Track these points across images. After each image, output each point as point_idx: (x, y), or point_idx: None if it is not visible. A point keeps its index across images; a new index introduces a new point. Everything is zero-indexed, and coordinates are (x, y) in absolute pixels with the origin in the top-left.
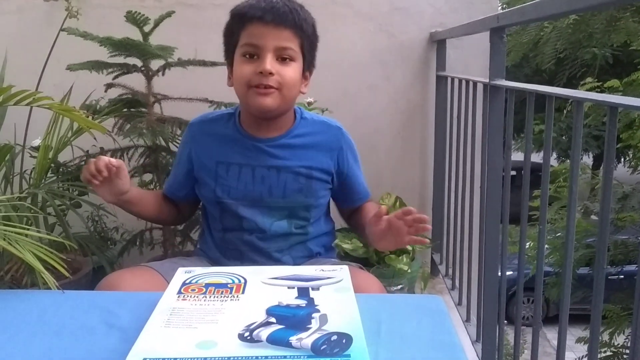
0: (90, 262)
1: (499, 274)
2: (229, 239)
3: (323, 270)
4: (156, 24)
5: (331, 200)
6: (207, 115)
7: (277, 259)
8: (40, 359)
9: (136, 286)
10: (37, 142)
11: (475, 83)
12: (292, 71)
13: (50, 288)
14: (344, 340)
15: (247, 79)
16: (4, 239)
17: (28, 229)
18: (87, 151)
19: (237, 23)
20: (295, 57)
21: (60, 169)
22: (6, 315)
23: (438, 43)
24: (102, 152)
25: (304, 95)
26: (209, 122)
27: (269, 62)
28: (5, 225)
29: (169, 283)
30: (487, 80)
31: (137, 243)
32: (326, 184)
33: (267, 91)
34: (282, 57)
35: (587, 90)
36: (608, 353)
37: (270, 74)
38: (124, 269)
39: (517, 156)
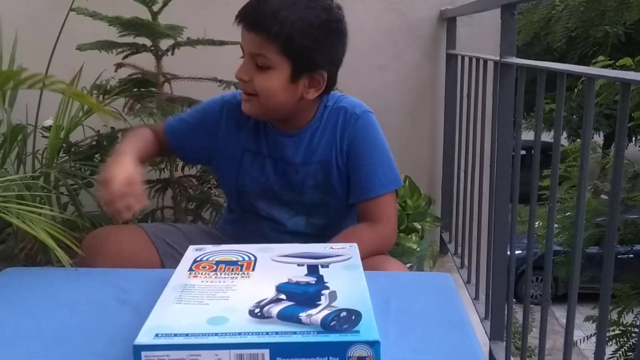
0: None
1: (508, 252)
2: (247, 218)
3: (332, 248)
4: (165, 3)
5: None
6: (239, 96)
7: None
8: (54, 335)
9: (119, 243)
10: (48, 122)
11: (485, 61)
12: (266, 80)
13: (63, 266)
14: (353, 317)
15: (237, 80)
16: (18, 218)
17: (41, 208)
18: (98, 131)
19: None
20: (272, 64)
21: (72, 149)
22: (21, 292)
23: (448, 21)
24: (113, 131)
25: (310, 98)
26: (239, 105)
27: (241, 69)
28: (19, 204)
29: (155, 244)
30: (498, 58)
31: (149, 221)
32: (344, 179)
33: (246, 97)
34: (258, 64)
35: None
36: (617, 332)
37: (243, 80)
38: (116, 226)
39: (528, 135)
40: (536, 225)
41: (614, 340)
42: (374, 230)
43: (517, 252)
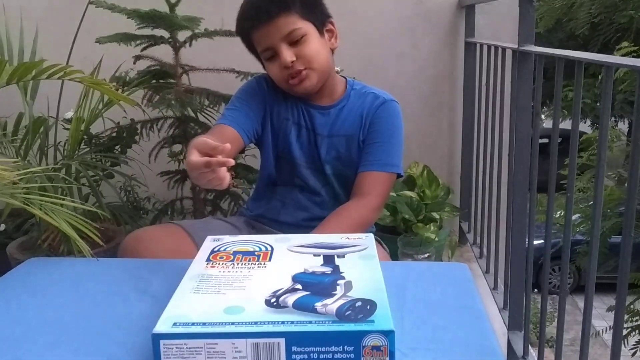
0: (123, 231)
1: (527, 241)
2: (278, 191)
3: (348, 238)
4: None
5: None
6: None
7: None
8: (75, 323)
9: (161, 242)
10: (69, 114)
11: (504, 49)
12: (309, 45)
13: (85, 256)
14: (368, 307)
15: (280, 78)
16: (41, 209)
17: (63, 199)
18: (118, 123)
19: (244, 38)
20: (304, 31)
21: (93, 141)
22: (44, 282)
23: (467, 8)
24: (133, 123)
25: (337, 48)
26: (274, 82)
27: (285, 54)
28: (41, 195)
29: (196, 242)
30: (516, 46)
31: (169, 212)
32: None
33: (300, 77)
34: (294, 40)
35: (623, 54)
36: (639, 322)
37: (293, 62)
38: (153, 226)
39: (551, 123)
40: (558, 215)
41: (637, 331)
42: (361, 203)
43: (537, 242)
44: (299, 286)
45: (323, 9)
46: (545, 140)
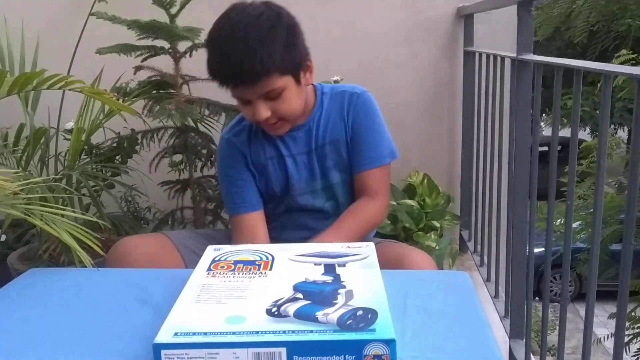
0: None
1: (527, 249)
2: (276, 216)
3: (349, 247)
4: (182, 6)
5: None
6: (235, 125)
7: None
8: (76, 334)
9: (145, 251)
10: (70, 124)
11: (503, 58)
12: (285, 101)
13: (86, 266)
14: (369, 315)
15: (251, 119)
16: (41, 220)
17: (64, 210)
18: (119, 133)
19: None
20: (282, 87)
21: (94, 151)
22: (45, 292)
23: (465, 18)
24: (133, 133)
25: (312, 82)
26: (241, 132)
27: (261, 111)
28: (42, 206)
29: (180, 251)
30: (515, 55)
31: (169, 222)
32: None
33: (274, 127)
34: (272, 97)
35: (621, 62)
36: None
37: (267, 117)
38: (138, 235)
39: (550, 131)
40: (559, 222)
41: (638, 338)
42: (373, 204)
43: (538, 249)
44: (300, 295)
45: (301, 49)
46: (545, 148)
